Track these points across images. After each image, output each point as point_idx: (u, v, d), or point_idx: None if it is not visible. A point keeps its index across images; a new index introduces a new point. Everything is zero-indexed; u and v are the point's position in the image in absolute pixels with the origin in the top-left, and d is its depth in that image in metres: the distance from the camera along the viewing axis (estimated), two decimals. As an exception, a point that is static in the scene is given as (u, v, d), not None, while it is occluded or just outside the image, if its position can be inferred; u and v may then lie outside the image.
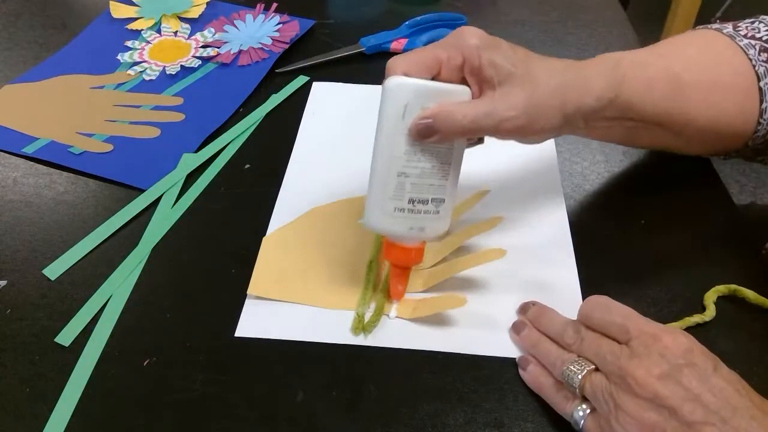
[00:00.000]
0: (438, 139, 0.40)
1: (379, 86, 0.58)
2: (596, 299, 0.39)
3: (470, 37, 0.40)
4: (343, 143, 0.58)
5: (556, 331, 0.40)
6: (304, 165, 0.56)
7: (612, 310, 0.37)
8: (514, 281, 0.46)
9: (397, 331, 0.43)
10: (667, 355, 0.33)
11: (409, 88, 0.39)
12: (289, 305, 0.45)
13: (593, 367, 0.36)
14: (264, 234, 0.50)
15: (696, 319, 0.43)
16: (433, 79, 0.40)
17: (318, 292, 0.46)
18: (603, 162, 0.56)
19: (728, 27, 0.50)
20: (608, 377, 0.35)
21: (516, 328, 0.43)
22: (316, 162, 0.56)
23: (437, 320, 0.44)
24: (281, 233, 0.50)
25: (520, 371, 0.41)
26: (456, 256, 0.47)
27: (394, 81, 0.39)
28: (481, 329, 0.44)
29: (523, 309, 0.44)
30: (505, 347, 0.42)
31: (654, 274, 0.47)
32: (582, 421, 0.36)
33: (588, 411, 0.36)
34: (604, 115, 0.44)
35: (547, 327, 0.41)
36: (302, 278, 0.47)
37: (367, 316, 0.44)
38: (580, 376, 0.36)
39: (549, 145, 0.57)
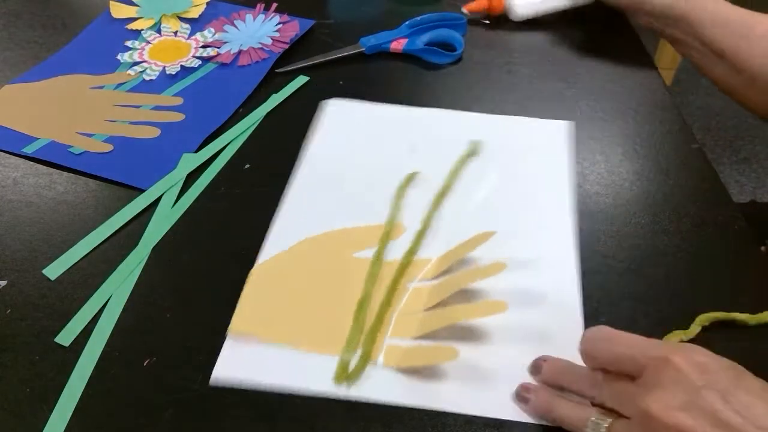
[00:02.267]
0: None
1: (399, 106, 0.60)
2: (593, 333, 0.36)
3: None
4: (352, 169, 0.55)
5: (577, 386, 0.37)
6: (307, 190, 0.53)
7: (614, 341, 0.35)
8: (514, 330, 0.43)
9: (384, 383, 0.40)
10: (682, 380, 0.31)
11: None
12: (271, 348, 0.42)
13: (614, 417, 0.34)
14: (264, 233, 0.50)
15: (680, 335, 0.42)
16: None
17: (302, 333, 0.43)
18: (602, 162, 0.56)
19: None
20: (631, 421, 0.33)
21: (521, 397, 0.39)
22: (320, 188, 0.53)
23: (428, 372, 0.41)
24: (271, 265, 0.47)
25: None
26: (455, 301, 0.44)
27: None
28: (477, 385, 0.40)
29: (536, 368, 0.40)
30: (502, 407, 0.39)
31: (654, 274, 0.47)
32: None
33: None
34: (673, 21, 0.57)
35: (567, 383, 0.38)
36: (287, 316, 0.44)
37: (353, 363, 0.41)
38: (603, 429, 0.34)
39: (564, 183, 0.53)
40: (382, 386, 0.40)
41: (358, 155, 0.56)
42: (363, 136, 0.58)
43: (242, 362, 0.42)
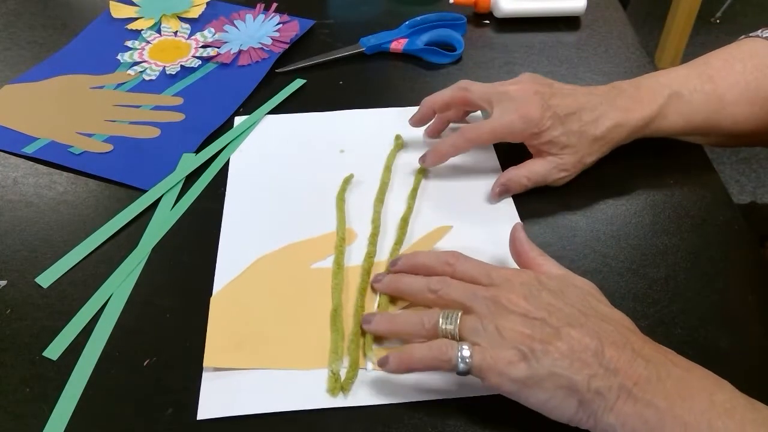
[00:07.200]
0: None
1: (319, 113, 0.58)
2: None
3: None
4: (281, 180, 0.54)
5: (419, 286, 0.42)
6: (242, 210, 0.52)
7: (470, 261, 0.43)
8: None
9: (379, 386, 0.40)
10: (526, 284, 0.39)
11: None
12: (253, 373, 0.41)
13: (461, 312, 0.39)
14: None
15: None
16: None
17: (283, 353, 0.42)
18: (602, 162, 0.56)
19: None
20: (479, 312, 0.39)
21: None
22: (254, 205, 0.52)
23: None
24: (229, 291, 0.45)
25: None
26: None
27: None
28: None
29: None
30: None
31: (654, 274, 0.47)
32: (469, 357, 0.37)
33: (470, 346, 0.37)
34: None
35: (409, 284, 0.43)
36: (262, 340, 0.43)
37: (343, 373, 0.41)
38: (457, 322, 0.39)
39: (493, 162, 0.56)
40: (377, 390, 0.40)
41: (289, 168, 0.55)
42: (291, 149, 0.57)
43: (227, 395, 0.40)
